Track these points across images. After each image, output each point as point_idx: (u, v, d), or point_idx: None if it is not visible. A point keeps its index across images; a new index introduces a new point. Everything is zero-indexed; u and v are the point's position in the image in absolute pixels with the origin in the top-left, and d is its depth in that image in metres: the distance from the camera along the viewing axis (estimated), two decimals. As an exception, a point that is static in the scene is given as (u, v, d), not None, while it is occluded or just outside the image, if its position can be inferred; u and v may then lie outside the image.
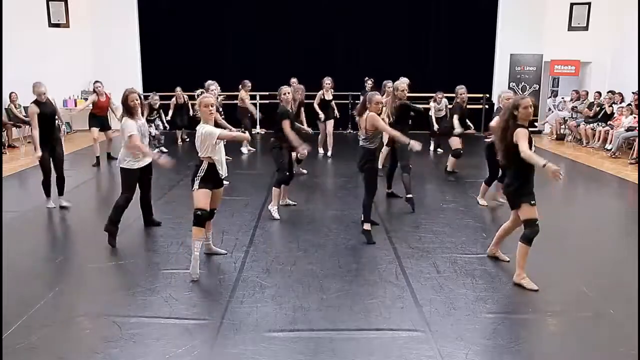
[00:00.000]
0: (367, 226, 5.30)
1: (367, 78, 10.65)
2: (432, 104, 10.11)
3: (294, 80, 10.62)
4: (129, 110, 5.04)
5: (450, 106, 8.81)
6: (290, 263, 4.83)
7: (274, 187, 6.11)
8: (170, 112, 11.18)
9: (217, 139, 4.36)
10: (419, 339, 3.49)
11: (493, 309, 3.89)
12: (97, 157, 9.21)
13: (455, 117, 7.80)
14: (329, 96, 9.87)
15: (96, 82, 9.41)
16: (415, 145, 5.30)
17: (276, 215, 6.00)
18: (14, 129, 11.54)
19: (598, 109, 12.13)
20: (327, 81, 9.87)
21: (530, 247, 4.22)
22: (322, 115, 9.70)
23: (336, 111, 10.30)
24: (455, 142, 7.99)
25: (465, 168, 8.63)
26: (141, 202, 5.57)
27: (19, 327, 3.58)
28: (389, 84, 9.85)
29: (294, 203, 6.44)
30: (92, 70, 13.48)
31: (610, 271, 4.71)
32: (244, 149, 10.41)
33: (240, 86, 10.66)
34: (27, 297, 4.07)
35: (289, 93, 6.03)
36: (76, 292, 4.21)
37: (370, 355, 3.32)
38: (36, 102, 6.17)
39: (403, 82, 6.59)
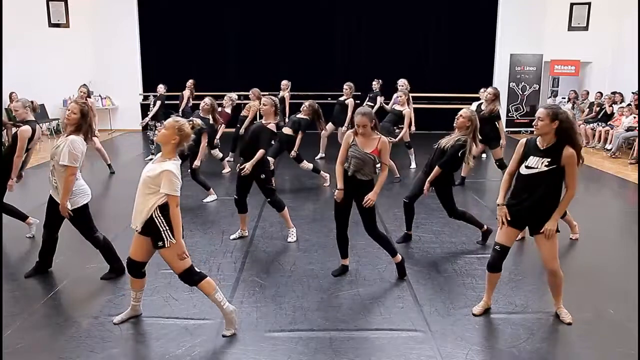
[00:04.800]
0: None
1: (375, 80, 10.53)
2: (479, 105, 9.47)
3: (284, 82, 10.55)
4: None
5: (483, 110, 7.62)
6: (290, 263, 4.83)
7: (282, 212, 5.37)
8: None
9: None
10: (419, 339, 3.49)
11: (493, 309, 3.89)
12: (109, 165, 8.65)
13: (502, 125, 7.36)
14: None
15: (82, 85, 8.33)
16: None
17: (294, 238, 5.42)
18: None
19: (598, 109, 12.14)
20: (345, 86, 9.58)
21: (491, 273, 3.76)
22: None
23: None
24: (498, 152, 7.49)
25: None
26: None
27: (19, 327, 3.59)
28: (401, 81, 9.76)
29: (246, 234, 5.55)
30: (92, 70, 13.51)
31: (610, 271, 4.71)
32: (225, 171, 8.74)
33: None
34: (26, 297, 4.08)
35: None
36: (76, 292, 4.20)
37: (370, 355, 3.32)
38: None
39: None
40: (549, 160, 3.42)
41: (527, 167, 3.50)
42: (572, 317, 3.72)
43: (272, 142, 5.30)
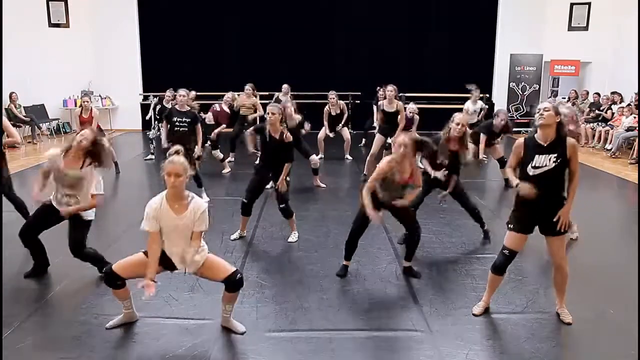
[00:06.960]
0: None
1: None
2: (468, 105, 9.55)
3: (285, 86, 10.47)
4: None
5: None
6: (291, 263, 4.83)
7: (290, 219, 5.44)
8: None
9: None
10: (419, 339, 3.50)
11: (493, 309, 3.89)
12: (116, 165, 8.45)
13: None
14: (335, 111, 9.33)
15: (85, 95, 8.35)
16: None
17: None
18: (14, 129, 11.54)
19: (597, 110, 12.14)
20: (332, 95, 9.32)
21: (494, 275, 3.76)
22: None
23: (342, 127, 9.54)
24: (499, 151, 7.65)
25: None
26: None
27: (19, 327, 3.59)
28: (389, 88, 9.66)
29: (244, 234, 5.57)
30: (92, 70, 13.52)
31: (610, 271, 4.71)
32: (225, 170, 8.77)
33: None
34: (27, 297, 4.08)
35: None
36: (76, 292, 4.20)
37: (370, 355, 3.33)
38: None
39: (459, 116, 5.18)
40: (555, 155, 3.42)
41: (534, 167, 3.46)
42: (572, 317, 3.72)
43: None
